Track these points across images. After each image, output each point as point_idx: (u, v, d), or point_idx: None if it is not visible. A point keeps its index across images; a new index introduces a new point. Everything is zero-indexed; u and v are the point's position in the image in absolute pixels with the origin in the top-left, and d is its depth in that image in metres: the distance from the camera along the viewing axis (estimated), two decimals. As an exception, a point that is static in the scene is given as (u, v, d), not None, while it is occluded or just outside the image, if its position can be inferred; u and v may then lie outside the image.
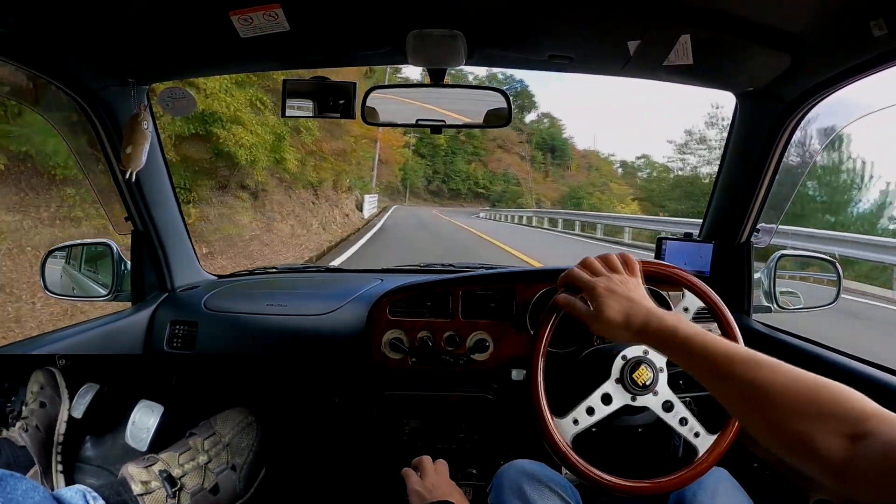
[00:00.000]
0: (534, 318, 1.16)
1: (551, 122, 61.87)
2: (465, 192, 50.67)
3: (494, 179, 52.00)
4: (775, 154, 1.12)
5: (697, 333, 0.56)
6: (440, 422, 1.20)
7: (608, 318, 0.63)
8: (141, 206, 1.28)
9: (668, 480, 0.79)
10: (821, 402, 0.47)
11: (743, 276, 1.23)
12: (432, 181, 49.27)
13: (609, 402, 0.82)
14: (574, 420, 0.80)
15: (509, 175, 52.28)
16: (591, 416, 0.81)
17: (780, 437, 0.48)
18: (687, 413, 0.82)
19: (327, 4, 0.89)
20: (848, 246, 6.72)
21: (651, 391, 0.82)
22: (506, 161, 52.80)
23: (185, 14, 0.89)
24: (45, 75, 1.02)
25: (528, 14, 0.90)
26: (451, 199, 49.06)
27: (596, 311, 0.65)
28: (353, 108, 1.13)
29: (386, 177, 32.46)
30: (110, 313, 1.28)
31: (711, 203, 1.30)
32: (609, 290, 0.65)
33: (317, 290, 1.43)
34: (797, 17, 0.83)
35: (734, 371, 0.52)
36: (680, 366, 0.58)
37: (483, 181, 51.61)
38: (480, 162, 52.33)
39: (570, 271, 0.72)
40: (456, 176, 50.57)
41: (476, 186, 51.21)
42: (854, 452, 0.44)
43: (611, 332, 0.64)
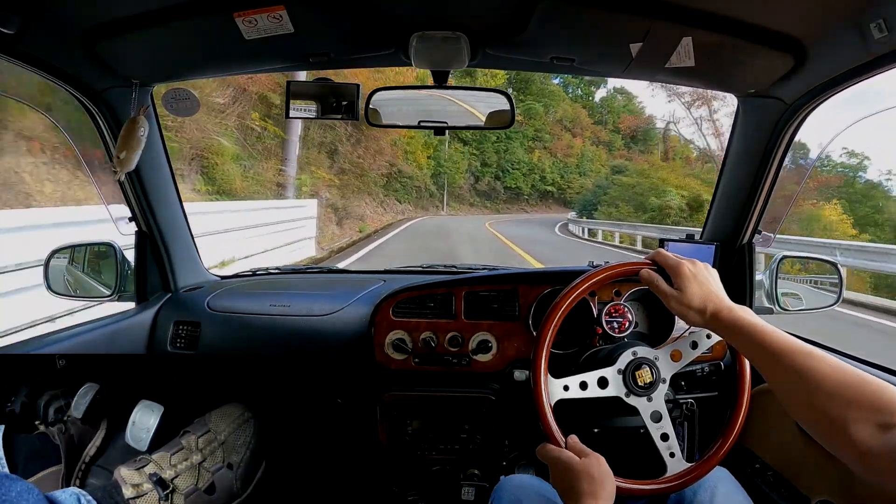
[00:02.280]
0: (537, 318, 1.17)
1: (627, 100, 46.86)
2: (529, 191, 35.22)
3: (567, 172, 37.47)
4: (777, 155, 1.12)
5: (761, 325, 0.64)
6: (443, 422, 1.20)
7: (687, 300, 0.69)
8: (144, 206, 1.29)
9: (638, 487, 0.79)
10: (861, 391, 0.53)
11: (745, 277, 1.23)
12: (481, 177, 32.82)
13: (604, 386, 0.82)
14: (565, 386, 0.81)
15: (584, 164, 38.24)
16: (581, 391, 0.81)
17: (819, 420, 0.55)
18: (672, 432, 0.82)
19: (331, 6, 0.90)
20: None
21: (647, 395, 0.82)
22: (576, 148, 38.54)
23: (189, 16, 0.90)
24: (51, 76, 1.02)
25: (531, 16, 0.90)
26: (508, 201, 34.25)
27: (677, 291, 0.70)
28: (356, 109, 1.13)
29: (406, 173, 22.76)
30: (113, 314, 1.28)
31: (713, 204, 1.31)
32: (693, 275, 0.70)
33: (320, 291, 1.44)
34: (798, 19, 0.83)
35: (790, 360, 0.59)
36: (742, 352, 0.66)
37: (552, 175, 36.75)
38: (546, 150, 37.32)
39: (660, 251, 0.77)
40: (515, 169, 34.44)
41: (543, 183, 36.07)
42: (882, 440, 0.49)
43: (686, 312, 0.69)
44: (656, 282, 0.74)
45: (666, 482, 0.80)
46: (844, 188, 18.24)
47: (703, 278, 0.70)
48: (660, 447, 0.82)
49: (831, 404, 0.53)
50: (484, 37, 0.99)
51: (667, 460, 0.82)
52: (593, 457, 0.72)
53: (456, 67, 1.08)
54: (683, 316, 0.70)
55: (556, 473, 0.73)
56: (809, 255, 1.33)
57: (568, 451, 0.74)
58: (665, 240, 1.32)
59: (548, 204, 36.27)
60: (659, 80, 1.11)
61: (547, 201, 36.57)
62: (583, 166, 38.67)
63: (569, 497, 0.69)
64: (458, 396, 1.18)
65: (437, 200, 27.59)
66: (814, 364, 0.57)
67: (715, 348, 1.17)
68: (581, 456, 0.72)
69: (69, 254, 1.43)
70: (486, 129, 1.18)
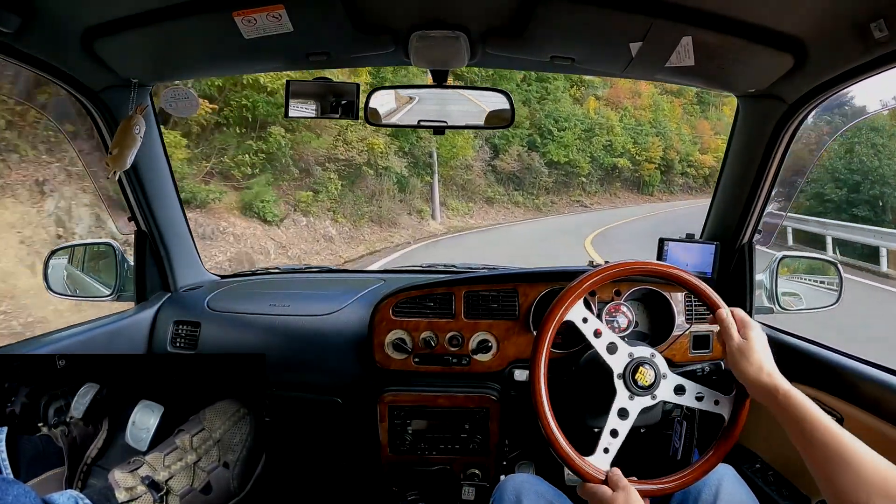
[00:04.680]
0: (537, 318, 1.16)
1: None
2: (588, 167, 18.31)
3: (640, 134, 20.23)
4: (777, 155, 1.12)
5: (811, 416, 0.67)
6: (443, 422, 1.20)
7: (750, 357, 0.73)
8: (144, 206, 1.29)
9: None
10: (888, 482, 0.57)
11: (745, 277, 1.23)
12: (503, 149, 15.82)
13: (613, 352, 0.82)
14: (584, 318, 0.82)
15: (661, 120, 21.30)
16: (594, 337, 0.82)
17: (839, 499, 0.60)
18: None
19: (330, 6, 0.89)
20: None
21: (650, 393, 0.82)
22: (644, 97, 21.51)
23: (188, 15, 0.89)
24: (49, 75, 1.02)
25: (531, 16, 0.90)
26: (556, 187, 17.67)
27: (746, 346, 0.74)
28: (355, 108, 1.13)
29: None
30: (113, 313, 1.28)
31: (713, 204, 1.31)
32: (762, 340, 0.76)
33: (319, 291, 1.44)
34: (799, 19, 0.83)
35: (834, 451, 0.62)
36: (788, 432, 0.69)
37: (621, 138, 19.51)
38: (605, 102, 20.58)
39: (740, 311, 0.80)
40: (562, 129, 17.27)
41: (609, 153, 19.07)
42: None
43: (743, 369, 0.73)
44: (730, 327, 0.77)
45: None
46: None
47: (765, 343, 0.75)
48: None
49: (864, 496, 0.58)
50: (483, 36, 0.99)
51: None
52: (624, 490, 0.74)
53: (455, 67, 1.08)
54: (738, 365, 0.74)
55: None
56: (810, 255, 1.33)
57: (601, 487, 0.75)
58: (665, 239, 1.32)
59: (613, 189, 19.82)
60: (658, 80, 1.11)
61: (613, 185, 19.83)
62: (660, 124, 21.62)
63: None
64: (458, 396, 1.18)
65: (416, 199, 12.20)
66: (855, 458, 0.61)
67: (715, 347, 1.17)
68: (614, 489, 0.74)
69: (68, 253, 1.43)
70: (485, 128, 1.19)
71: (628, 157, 19.74)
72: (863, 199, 12.11)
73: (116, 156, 1.09)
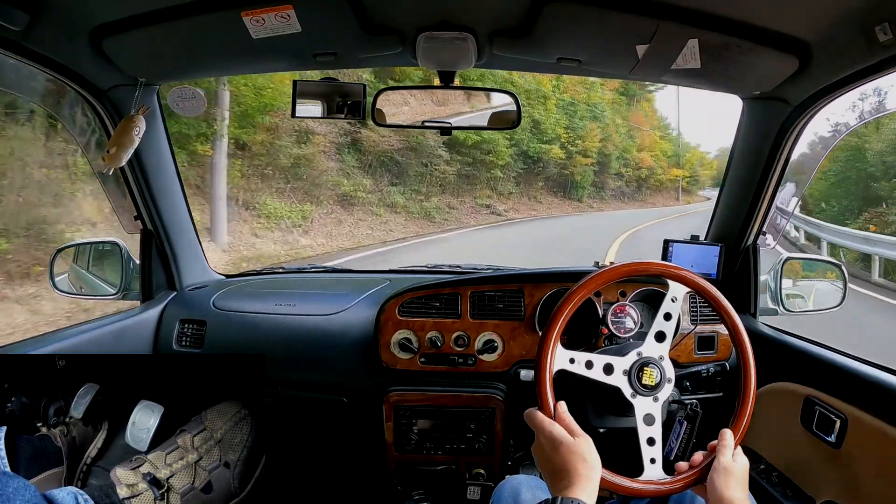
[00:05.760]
0: (543, 318, 1.17)
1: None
2: (507, 160, 12.48)
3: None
4: (781, 157, 1.13)
5: None
6: (449, 422, 1.20)
7: (730, 479, 0.73)
8: (150, 204, 1.29)
9: (620, 483, 0.76)
10: None
11: (749, 278, 1.24)
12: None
13: (609, 373, 0.81)
14: (571, 359, 0.80)
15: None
16: (586, 370, 0.80)
17: None
18: (659, 438, 0.81)
19: (339, 6, 0.90)
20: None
21: (652, 395, 0.82)
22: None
23: (197, 14, 0.90)
24: (56, 73, 1.02)
25: (538, 17, 0.90)
26: (457, 187, 11.19)
27: (733, 468, 0.74)
28: (362, 108, 1.14)
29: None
30: (118, 312, 1.28)
31: (718, 205, 1.31)
32: (746, 470, 0.76)
33: (325, 290, 1.44)
34: (804, 21, 0.83)
35: None
36: None
37: (575, 137, 15.70)
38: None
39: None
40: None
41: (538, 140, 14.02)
42: None
43: (723, 484, 0.72)
44: (727, 447, 0.77)
45: (648, 484, 0.77)
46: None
47: (746, 474, 0.76)
48: (643, 450, 0.81)
49: None
50: (491, 37, 0.99)
51: (645, 464, 0.80)
52: (585, 438, 0.71)
53: (462, 68, 1.09)
54: (718, 480, 0.73)
55: (545, 446, 0.71)
56: (814, 257, 1.33)
57: (559, 426, 0.72)
58: (669, 240, 1.32)
59: (534, 191, 15.07)
60: (664, 82, 1.11)
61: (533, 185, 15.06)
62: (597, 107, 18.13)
63: (559, 476, 0.67)
64: (463, 396, 1.18)
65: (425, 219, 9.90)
66: None
67: (720, 349, 1.18)
68: (573, 435, 0.71)
69: (74, 252, 1.43)
70: (490, 129, 1.19)
71: (559, 146, 14.97)
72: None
73: (113, 154, 1.09)
